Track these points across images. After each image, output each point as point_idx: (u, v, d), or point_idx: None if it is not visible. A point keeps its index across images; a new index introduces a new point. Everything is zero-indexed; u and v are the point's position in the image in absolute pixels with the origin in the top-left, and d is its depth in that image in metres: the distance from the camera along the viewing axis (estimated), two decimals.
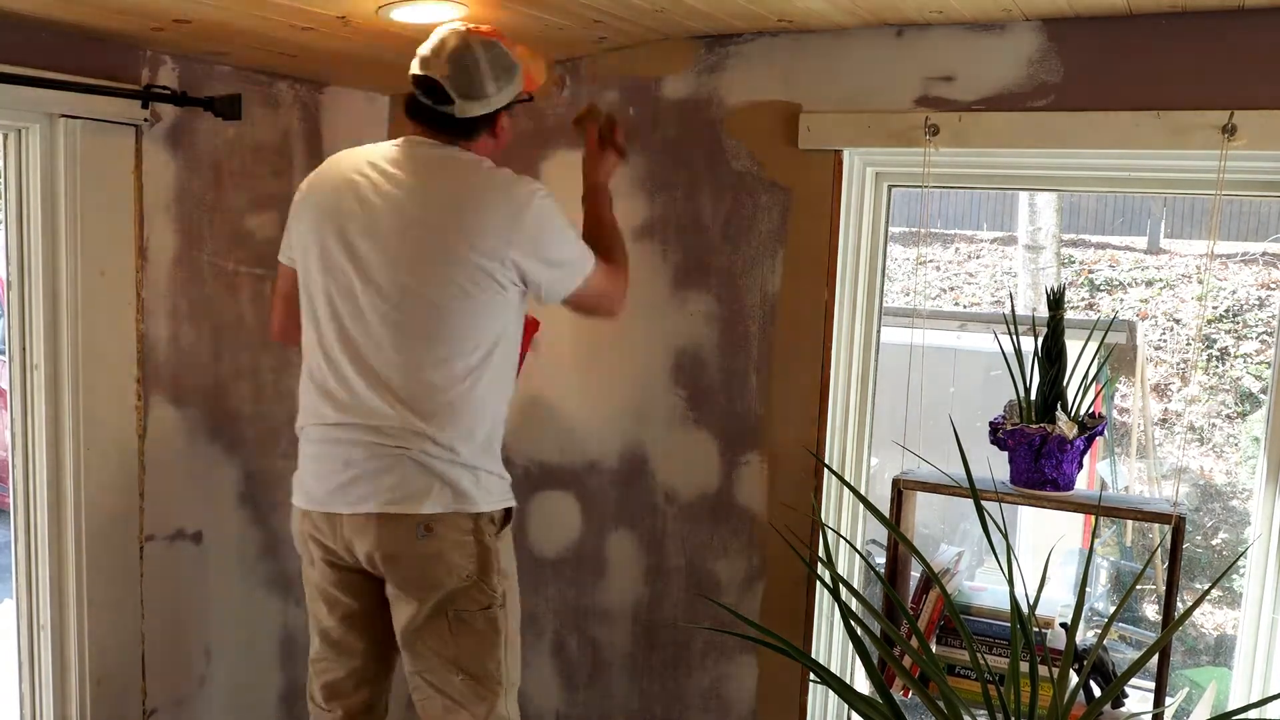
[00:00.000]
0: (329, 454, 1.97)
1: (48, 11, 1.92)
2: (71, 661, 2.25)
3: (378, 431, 1.93)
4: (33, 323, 2.16)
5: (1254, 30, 1.98)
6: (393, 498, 1.92)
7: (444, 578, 1.96)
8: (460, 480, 1.95)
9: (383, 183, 1.96)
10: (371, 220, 1.94)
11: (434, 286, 1.92)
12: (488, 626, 2.01)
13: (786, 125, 2.35)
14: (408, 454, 1.92)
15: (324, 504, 1.97)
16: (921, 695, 1.94)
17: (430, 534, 1.93)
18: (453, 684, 2.00)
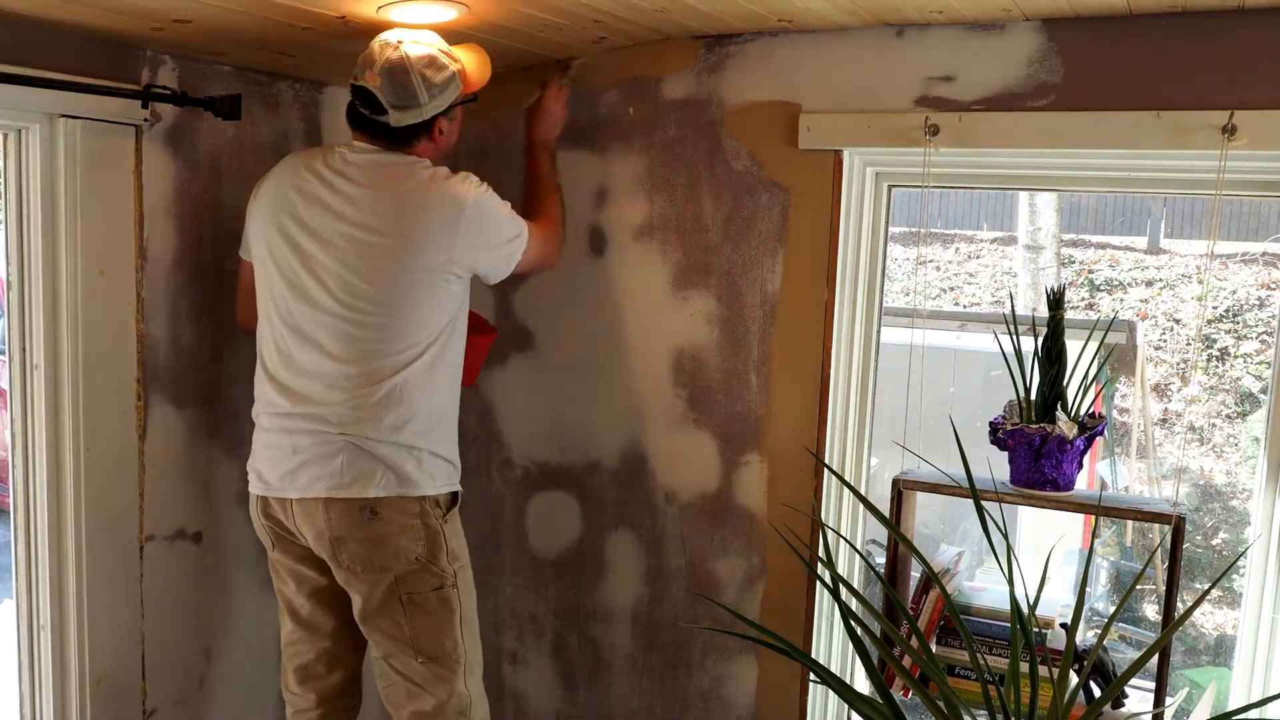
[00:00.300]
0: (279, 441, 2.09)
1: (48, 11, 1.92)
2: (71, 661, 2.25)
3: (324, 420, 2.04)
4: (33, 323, 2.16)
5: (1254, 30, 1.98)
6: (338, 482, 2.03)
7: (392, 561, 2.06)
8: (404, 464, 2.05)
9: (327, 186, 2.09)
10: (317, 222, 2.07)
11: (381, 287, 2.05)
12: (441, 606, 2.10)
13: (786, 125, 2.35)
14: (351, 440, 2.03)
15: (277, 490, 2.09)
16: (921, 695, 1.94)
17: (376, 517, 2.03)
18: (413, 667, 2.10)
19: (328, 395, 2.05)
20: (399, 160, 2.11)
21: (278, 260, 2.10)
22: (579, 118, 2.56)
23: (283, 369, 2.10)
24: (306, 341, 2.08)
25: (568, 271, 2.62)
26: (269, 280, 2.13)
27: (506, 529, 2.78)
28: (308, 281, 2.07)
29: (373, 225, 2.05)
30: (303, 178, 2.11)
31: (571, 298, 2.63)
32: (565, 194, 2.59)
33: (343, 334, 2.05)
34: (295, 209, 2.09)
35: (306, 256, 2.07)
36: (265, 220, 2.13)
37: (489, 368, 2.74)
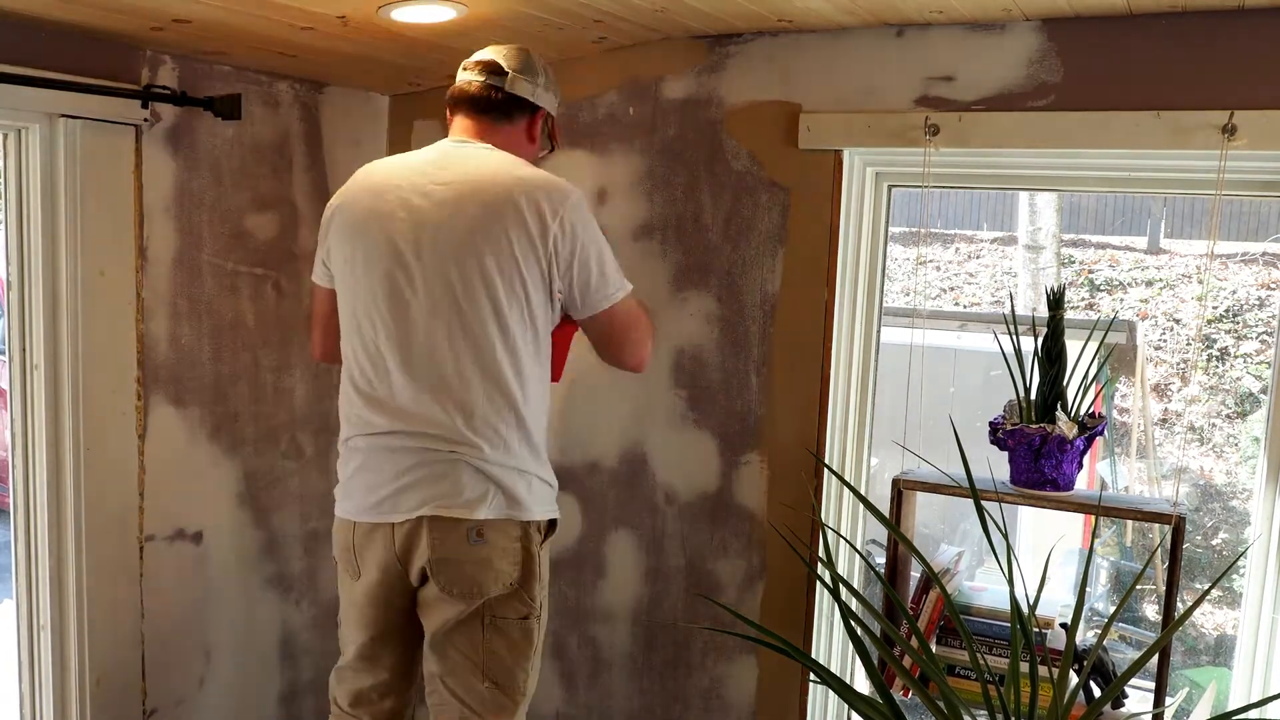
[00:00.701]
0: (379, 463, 1.94)
1: (48, 11, 1.92)
2: (71, 661, 2.25)
3: (431, 438, 1.90)
4: (33, 323, 2.16)
5: (1254, 30, 1.98)
6: (448, 503, 1.89)
7: (489, 584, 1.93)
8: (515, 486, 1.93)
9: (426, 186, 1.91)
10: (418, 226, 1.90)
11: (484, 291, 1.88)
12: (523, 636, 1.99)
13: (786, 125, 2.35)
14: (463, 459, 1.89)
15: (375, 514, 1.94)
16: (921, 695, 1.94)
17: (482, 539, 1.91)
18: (476, 691, 1.97)
19: (436, 413, 1.89)
20: (497, 153, 1.96)
21: (372, 271, 1.92)
22: (579, 117, 2.56)
23: (380, 388, 1.94)
24: (408, 356, 1.91)
25: None
26: (363, 294, 1.94)
27: None
28: (408, 291, 1.90)
29: (477, 224, 1.88)
30: (399, 179, 1.95)
31: None
32: None
33: (447, 348, 1.90)
34: (394, 213, 1.91)
35: (405, 264, 1.90)
36: (355, 231, 1.95)
37: None
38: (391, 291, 1.91)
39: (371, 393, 1.95)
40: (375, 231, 1.92)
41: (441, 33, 2.17)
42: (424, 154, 2.00)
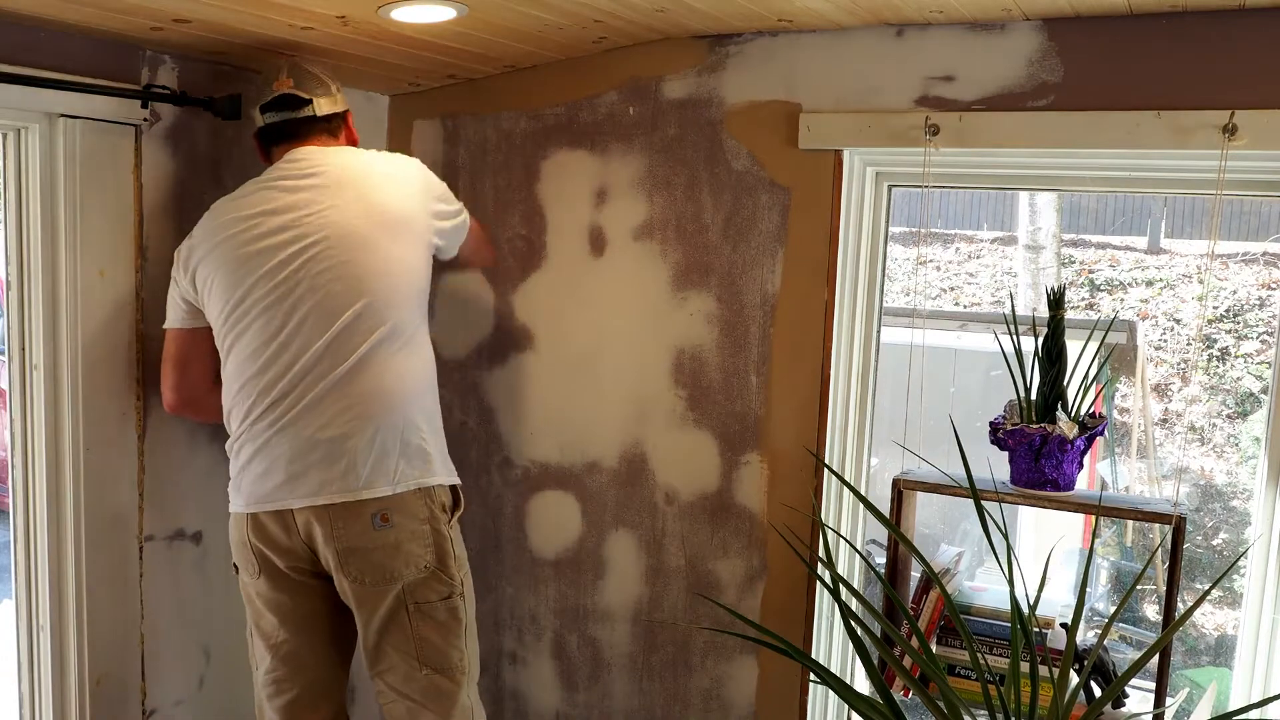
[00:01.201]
0: (273, 451, 2.01)
1: (48, 11, 1.92)
2: (71, 661, 2.25)
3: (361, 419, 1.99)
4: (33, 323, 2.16)
5: (1254, 30, 1.98)
6: (347, 485, 1.97)
7: (402, 569, 2.00)
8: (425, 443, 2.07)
9: (294, 197, 2.03)
10: (298, 215, 2.01)
11: (381, 255, 2.02)
12: (449, 616, 2.04)
13: (786, 125, 2.35)
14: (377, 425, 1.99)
15: (273, 501, 2.00)
16: (921, 695, 1.94)
17: (387, 524, 1.97)
18: (416, 681, 2.02)
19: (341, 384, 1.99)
20: (341, 147, 2.16)
21: (260, 290, 2.01)
22: (579, 117, 2.56)
23: (271, 373, 2.00)
24: (313, 332, 1.99)
25: (568, 271, 2.62)
26: (247, 292, 2.01)
27: (506, 529, 2.78)
28: (305, 293, 1.99)
29: (357, 208, 2.03)
30: (263, 198, 2.05)
31: (571, 298, 2.63)
32: (566, 194, 2.60)
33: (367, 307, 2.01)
34: (269, 228, 2.01)
35: (299, 268, 2.00)
36: (232, 259, 2.02)
37: (490, 368, 2.75)
38: (282, 275, 2.00)
39: (267, 380, 2.00)
40: (252, 232, 2.02)
41: (441, 33, 2.17)
42: (273, 172, 2.11)
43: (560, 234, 2.62)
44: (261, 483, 2.01)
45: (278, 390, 2.00)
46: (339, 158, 2.10)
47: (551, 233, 2.63)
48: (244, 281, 2.01)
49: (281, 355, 1.99)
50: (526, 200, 2.64)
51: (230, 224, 2.04)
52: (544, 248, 2.64)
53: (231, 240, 2.03)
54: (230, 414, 2.08)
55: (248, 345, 2.02)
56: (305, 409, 1.98)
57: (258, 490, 2.01)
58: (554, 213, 2.62)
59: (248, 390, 2.02)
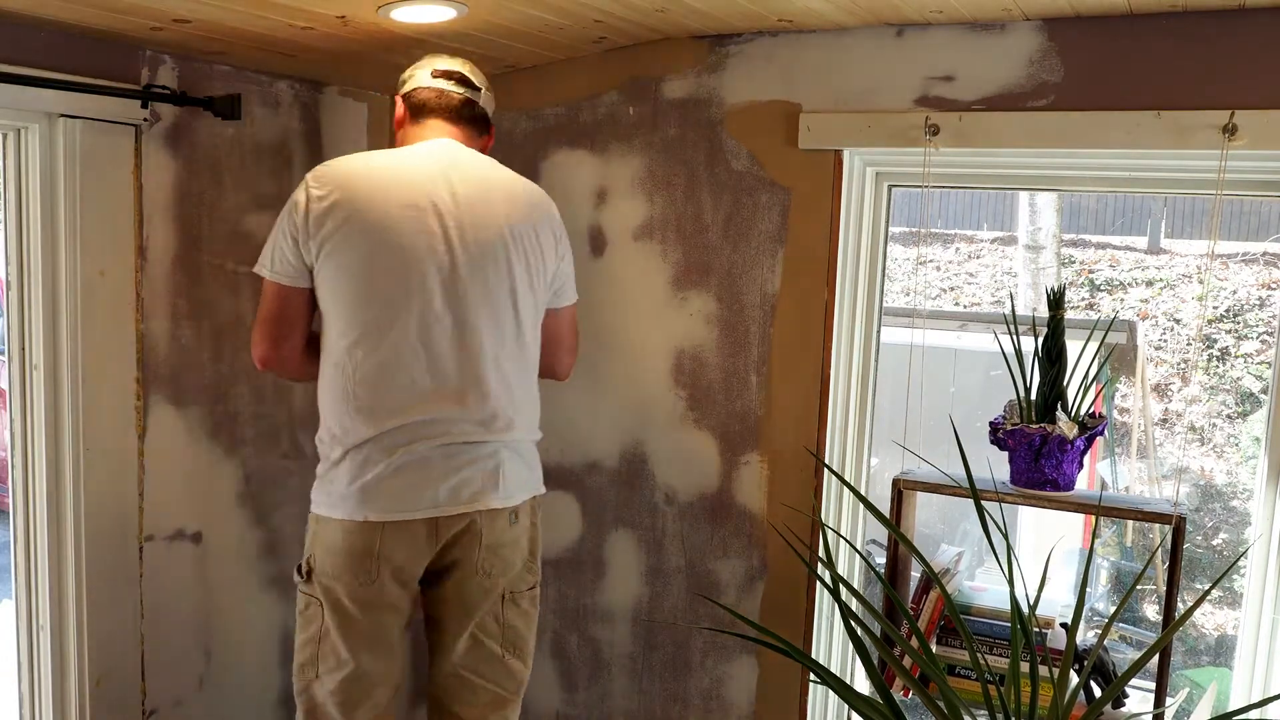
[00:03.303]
0: (425, 459, 1.94)
1: (48, 11, 1.92)
2: (71, 661, 2.25)
3: (476, 427, 1.97)
4: (33, 323, 2.16)
5: (1254, 30, 1.98)
6: (496, 493, 1.99)
7: (516, 562, 2.06)
8: (535, 460, 2.10)
9: (450, 188, 1.95)
10: (455, 227, 1.94)
11: (521, 283, 2.00)
12: (531, 604, 2.12)
13: (786, 125, 2.35)
14: (504, 445, 2.00)
15: (426, 509, 1.94)
16: (921, 695, 1.94)
17: (516, 521, 2.04)
18: (501, 666, 2.08)
19: (484, 403, 1.97)
20: (489, 158, 2.08)
21: (418, 271, 1.92)
22: (579, 117, 2.56)
23: (415, 385, 1.93)
24: (462, 349, 1.95)
25: None
26: (381, 290, 1.92)
27: None
28: (438, 285, 1.93)
29: (501, 219, 1.98)
30: (421, 175, 1.96)
31: None
32: (566, 194, 2.60)
33: (510, 333, 2.00)
34: (434, 207, 1.93)
35: (440, 256, 1.93)
36: (380, 227, 1.91)
37: None
38: (437, 289, 1.93)
39: (409, 390, 1.93)
40: (409, 231, 1.91)
41: (441, 33, 2.17)
42: (427, 153, 2.00)
43: None
44: (415, 491, 1.94)
45: (425, 403, 1.93)
46: (496, 169, 2.05)
47: None
48: (395, 281, 1.92)
49: (431, 370, 1.94)
50: None
51: (386, 206, 1.92)
52: None
53: (387, 226, 1.91)
54: (353, 412, 1.95)
55: (393, 350, 1.92)
56: (453, 422, 1.95)
57: (411, 498, 1.94)
58: None
59: (390, 396, 1.93)
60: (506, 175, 2.06)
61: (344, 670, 1.98)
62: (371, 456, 1.93)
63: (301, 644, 2.02)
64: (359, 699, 1.99)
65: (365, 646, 1.98)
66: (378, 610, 1.97)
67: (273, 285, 1.97)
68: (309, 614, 2.01)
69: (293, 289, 1.96)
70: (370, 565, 1.94)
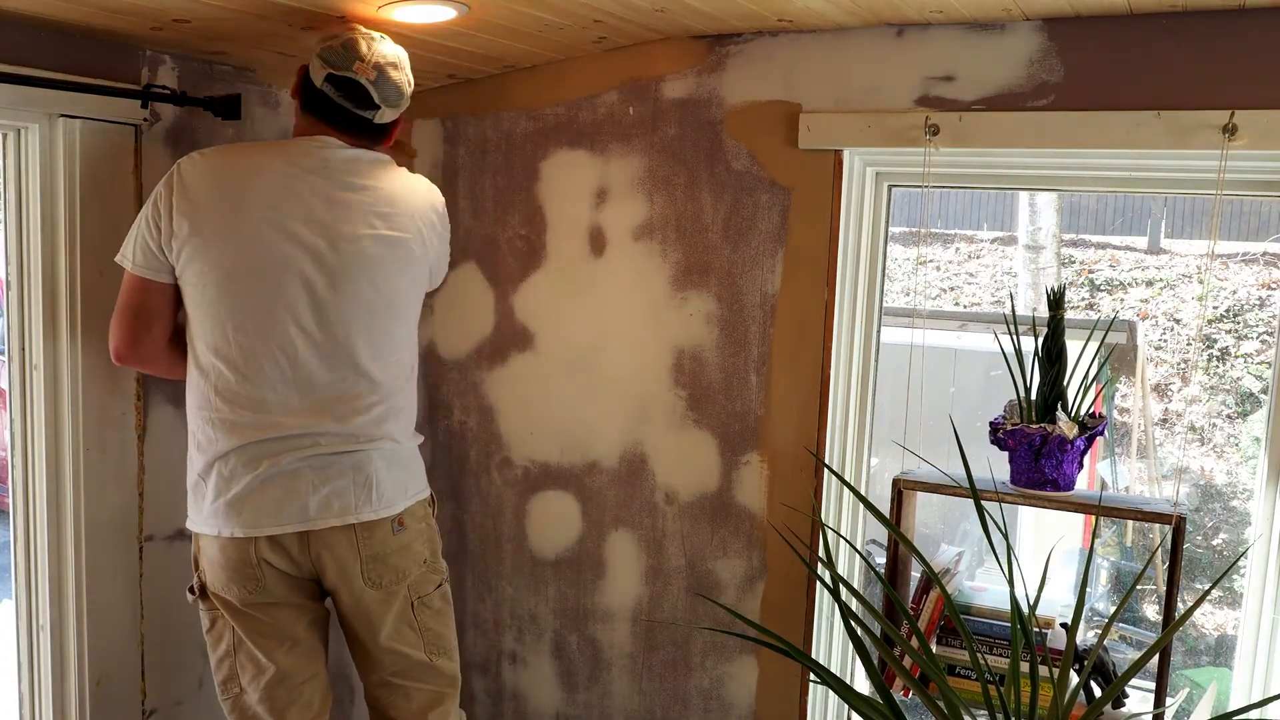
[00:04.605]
0: (293, 470, 1.92)
1: (48, 11, 1.92)
2: (71, 662, 2.25)
3: (346, 438, 1.95)
4: (33, 323, 2.16)
5: (1254, 30, 1.98)
6: (370, 505, 1.98)
7: (411, 568, 2.05)
8: (416, 463, 2.11)
9: (330, 192, 1.93)
10: (333, 234, 1.92)
11: (399, 291, 2.00)
12: (443, 602, 2.14)
13: (786, 125, 2.35)
14: (376, 450, 1.99)
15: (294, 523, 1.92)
16: (921, 695, 1.94)
17: (403, 529, 2.03)
18: (429, 669, 2.09)
19: (355, 411, 1.95)
20: (379, 156, 2.04)
21: (260, 264, 1.88)
22: (579, 117, 2.56)
23: (280, 397, 1.91)
24: (332, 359, 1.93)
25: (568, 271, 2.62)
26: (244, 290, 1.88)
27: (506, 529, 2.78)
28: (305, 293, 1.90)
29: (391, 221, 1.98)
30: (285, 172, 1.91)
31: (571, 298, 2.63)
32: (566, 194, 2.60)
33: (385, 341, 1.99)
34: (300, 209, 1.90)
35: (306, 259, 1.90)
36: (242, 234, 1.87)
37: (490, 368, 2.74)
38: (306, 295, 1.90)
39: (275, 399, 1.90)
40: (278, 236, 1.88)
41: (441, 33, 2.17)
42: (302, 152, 1.95)
43: (560, 234, 2.62)
44: (281, 505, 1.91)
45: (293, 414, 1.91)
46: (382, 176, 2.00)
47: (551, 233, 2.63)
48: (257, 291, 1.88)
49: (298, 381, 1.91)
50: (526, 200, 2.64)
51: (251, 211, 1.88)
52: (544, 248, 2.64)
53: (250, 233, 1.87)
54: (217, 425, 1.92)
55: (257, 361, 1.89)
56: (323, 434, 1.93)
57: (278, 512, 1.91)
58: (554, 213, 2.62)
59: (254, 408, 1.90)
60: (388, 174, 2.02)
61: (265, 675, 2.00)
62: (236, 470, 1.90)
63: (217, 662, 2.04)
64: (288, 700, 2.02)
65: (278, 646, 2.01)
66: (278, 609, 2.00)
67: (133, 277, 1.93)
68: (216, 630, 2.03)
69: (154, 283, 1.92)
70: (254, 573, 1.94)
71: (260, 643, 2.00)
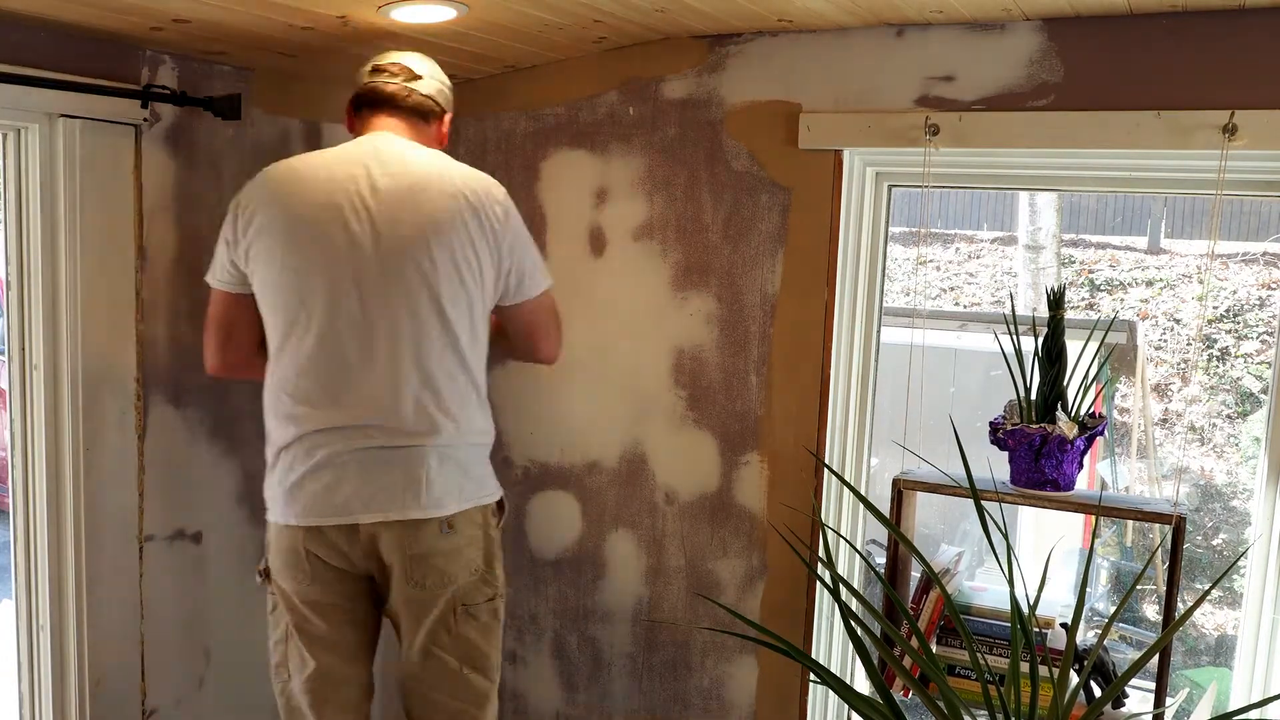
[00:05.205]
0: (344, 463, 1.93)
1: (48, 11, 1.92)
2: (71, 661, 2.25)
3: (398, 433, 1.93)
4: (33, 323, 2.16)
5: (1254, 30, 1.98)
6: (418, 502, 1.93)
7: (459, 573, 1.99)
8: (477, 465, 2.03)
9: (372, 181, 1.93)
10: (373, 222, 1.91)
11: (449, 279, 1.93)
12: (491, 617, 2.06)
13: (786, 125, 2.35)
14: (430, 446, 1.94)
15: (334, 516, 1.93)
16: (921, 695, 1.94)
17: (452, 530, 1.97)
18: (460, 682, 2.02)
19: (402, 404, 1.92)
20: (431, 150, 2.02)
21: (324, 267, 1.91)
22: (579, 117, 2.56)
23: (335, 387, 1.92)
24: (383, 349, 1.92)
25: (568, 271, 2.62)
26: (311, 292, 1.91)
27: (506, 529, 2.78)
28: (366, 286, 1.91)
29: (436, 215, 1.93)
30: (343, 177, 1.93)
31: (571, 298, 2.63)
32: (566, 194, 2.60)
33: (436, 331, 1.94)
34: (350, 211, 1.91)
35: (364, 255, 1.91)
36: (301, 235, 1.92)
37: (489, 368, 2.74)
38: (353, 287, 1.91)
39: (326, 392, 1.93)
40: (325, 229, 1.91)
41: (441, 33, 2.17)
42: (352, 149, 1.99)
43: (560, 234, 2.62)
44: (329, 496, 1.93)
45: (345, 404, 1.92)
46: (430, 163, 1.98)
47: (551, 233, 2.63)
48: (313, 282, 1.91)
49: (351, 371, 1.92)
50: (526, 200, 2.64)
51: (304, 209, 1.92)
52: (544, 248, 2.64)
53: (304, 229, 1.91)
54: (280, 415, 1.97)
55: (313, 352, 1.92)
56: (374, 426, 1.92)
57: (325, 503, 1.93)
58: (554, 213, 2.62)
59: (310, 398, 1.93)
60: (440, 166, 1.97)
61: (308, 669, 2.02)
62: (295, 460, 1.95)
63: (274, 645, 2.07)
64: (326, 696, 2.03)
65: (322, 647, 2.02)
66: (323, 611, 2.00)
67: (216, 292, 2.03)
68: (276, 615, 2.06)
69: (233, 295, 2.01)
70: (303, 565, 1.97)
71: (306, 640, 2.02)
